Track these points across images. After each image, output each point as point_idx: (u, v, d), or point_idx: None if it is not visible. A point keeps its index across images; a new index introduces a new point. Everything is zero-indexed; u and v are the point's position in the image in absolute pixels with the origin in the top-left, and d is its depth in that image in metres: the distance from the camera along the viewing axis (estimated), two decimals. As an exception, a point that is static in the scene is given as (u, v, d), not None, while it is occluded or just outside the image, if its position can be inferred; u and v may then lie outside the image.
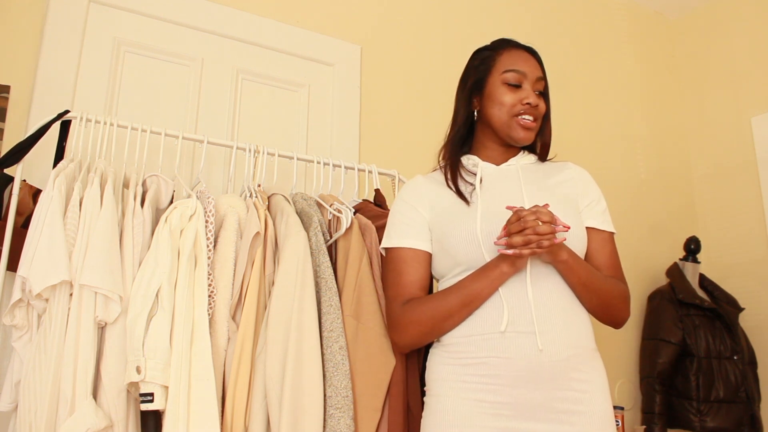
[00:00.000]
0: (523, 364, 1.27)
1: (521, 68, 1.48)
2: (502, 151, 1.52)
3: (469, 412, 1.29)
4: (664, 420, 2.41)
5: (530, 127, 1.46)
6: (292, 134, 2.19)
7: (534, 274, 1.33)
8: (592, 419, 1.28)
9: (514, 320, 1.30)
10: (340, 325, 1.47)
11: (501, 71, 1.48)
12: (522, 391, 1.27)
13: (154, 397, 1.28)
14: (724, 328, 2.51)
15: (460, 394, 1.32)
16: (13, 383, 1.34)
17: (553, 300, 1.32)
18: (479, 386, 1.30)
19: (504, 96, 1.46)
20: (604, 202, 1.52)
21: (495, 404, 1.28)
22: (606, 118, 2.96)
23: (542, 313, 1.30)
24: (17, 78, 1.77)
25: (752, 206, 2.83)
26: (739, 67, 2.99)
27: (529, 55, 1.51)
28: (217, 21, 2.12)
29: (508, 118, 1.46)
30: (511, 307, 1.31)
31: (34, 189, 1.54)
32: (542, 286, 1.33)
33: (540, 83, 1.49)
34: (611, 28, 3.11)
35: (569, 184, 1.49)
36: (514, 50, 1.51)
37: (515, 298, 1.31)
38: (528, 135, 1.47)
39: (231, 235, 1.49)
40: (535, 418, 1.26)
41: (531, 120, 1.46)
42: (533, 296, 1.31)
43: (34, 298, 1.31)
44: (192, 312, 1.37)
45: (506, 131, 1.47)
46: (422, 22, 2.54)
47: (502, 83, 1.48)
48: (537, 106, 1.46)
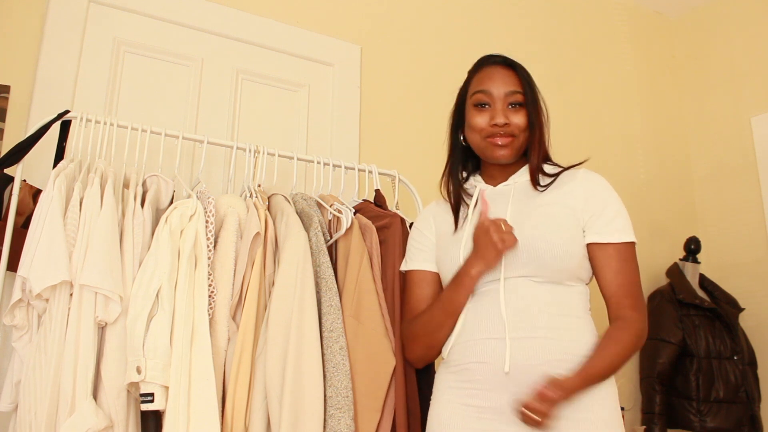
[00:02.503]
0: (497, 369, 1.30)
1: (486, 87, 1.44)
2: (500, 169, 1.49)
3: (457, 417, 1.34)
4: (664, 420, 2.41)
5: (504, 145, 1.42)
6: (292, 134, 2.19)
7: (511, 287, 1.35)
8: (578, 425, 1.26)
9: (491, 327, 1.33)
10: (341, 326, 1.47)
11: (471, 95, 1.48)
12: (500, 395, 1.29)
13: (154, 397, 1.28)
14: (724, 329, 2.51)
15: (451, 399, 1.37)
16: (13, 383, 1.34)
17: (534, 309, 1.32)
18: (464, 391, 1.35)
19: (474, 119, 1.45)
20: (614, 210, 1.39)
21: (479, 408, 1.32)
22: (606, 119, 2.95)
23: (517, 322, 1.31)
24: (17, 78, 1.77)
25: (752, 206, 2.83)
26: (739, 67, 2.99)
27: (501, 69, 1.46)
28: (217, 21, 2.12)
29: (482, 140, 1.44)
30: (484, 317, 1.35)
31: (34, 189, 1.54)
32: (520, 297, 1.34)
33: (513, 96, 1.43)
34: (611, 29, 3.10)
35: (567, 199, 1.41)
36: (486, 68, 1.49)
37: (490, 308, 1.35)
38: (504, 152, 1.42)
39: (231, 235, 1.49)
40: (516, 422, 1.26)
41: (505, 137, 1.42)
42: (505, 307, 1.33)
43: (34, 298, 1.31)
44: (192, 312, 1.37)
45: (485, 154, 1.46)
46: (422, 22, 2.54)
47: (472, 106, 1.46)
48: (506, 125, 1.41)
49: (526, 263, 1.34)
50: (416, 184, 1.96)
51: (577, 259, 1.37)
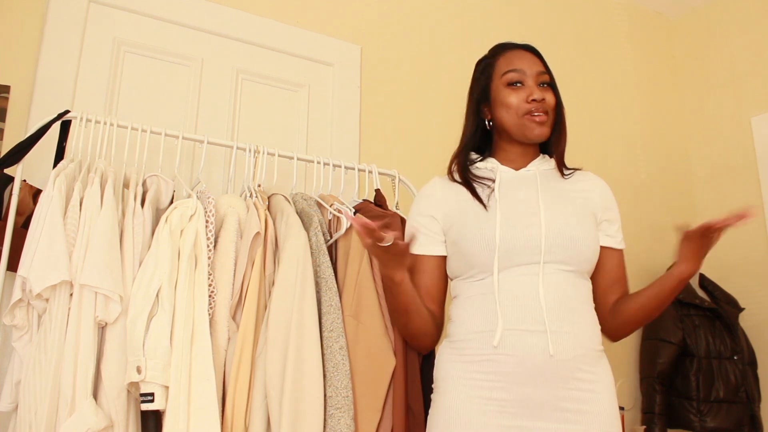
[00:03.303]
0: (531, 362, 1.28)
1: (519, 66, 1.47)
2: (520, 153, 1.51)
3: (474, 410, 1.30)
4: (664, 420, 2.41)
5: (542, 122, 1.45)
6: (292, 134, 2.19)
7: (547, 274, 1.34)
8: (598, 419, 1.29)
9: (525, 318, 1.31)
10: (341, 325, 1.47)
11: (501, 74, 1.49)
12: (528, 389, 1.28)
13: (154, 397, 1.28)
14: (724, 328, 2.51)
15: (465, 391, 1.32)
16: (13, 383, 1.34)
17: (565, 300, 1.34)
18: (484, 383, 1.31)
19: (508, 98, 1.46)
20: (618, 218, 1.52)
21: (500, 401, 1.29)
22: (606, 118, 2.95)
23: (553, 313, 1.31)
24: (17, 78, 1.77)
25: (752, 206, 2.83)
26: (739, 67, 2.99)
27: (526, 52, 1.51)
28: (217, 21, 2.12)
29: (518, 118, 1.46)
30: (521, 306, 1.32)
31: (34, 189, 1.54)
32: (554, 287, 1.34)
33: (543, 76, 1.48)
34: (611, 28, 3.10)
35: (587, 194, 1.49)
36: (510, 51, 1.52)
37: (527, 296, 1.33)
38: (542, 130, 1.46)
39: (231, 235, 1.49)
40: (539, 417, 1.27)
41: (542, 114, 1.45)
42: (545, 296, 1.32)
43: (35, 298, 1.31)
44: (192, 312, 1.37)
45: (520, 132, 1.46)
46: (422, 22, 2.54)
47: (504, 86, 1.48)
48: (543, 100, 1.45)
49: (564, 248, 1.36)
50: (416, 184, 1.96)
51: (597, 253, 1.44)
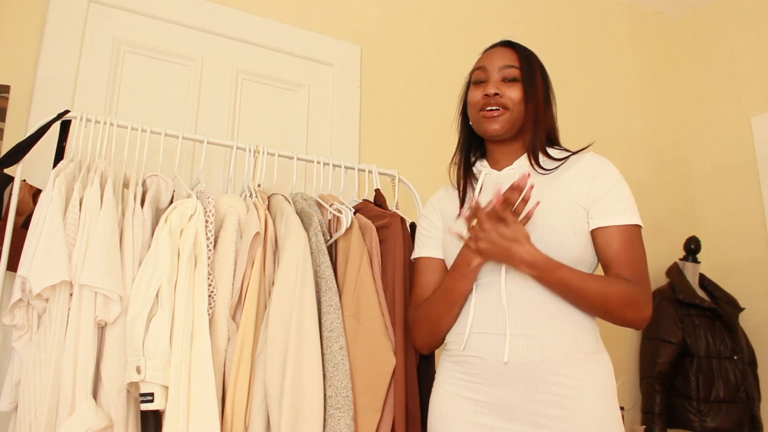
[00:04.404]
0: (494, 365, 1.29)
1: (483, 63, 1.47)
2: (501, 152, 1.48)
3: (454, 407, 1.34)
4: (664, 420, 2.41)
5: (492, 117, 1.41)
6: (292, 134, 2.19)
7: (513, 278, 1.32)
8: (575, 426, 1.23)
9: (488, 320, 1.32)
10: (340, 325, 1.47)
11: (470, 74, 1.50)
12: (499, 391, 1.29)
13: (154, 397, 1.28)
14: (724, 328, 2.51)
15: (449, 389, 1.37)
16: (13, 383, 1.34)
17: (534, 302, 1.30)
18: (463, 383, 1.35)
19: (470, 96, 1.47)
20: (618, 192, 1.37)
21: (475, 402, 1.32)
22: (606, 118, 2.95)
23: (517, 317, 1.29)
24: (17, 78, 1.77)
25: (752, 206, 2.83)
26: (739, 67, 2.99)
27: (498, 48, 1.48)
28: (217, 21, 2.12)
29: (476, 114, 1.45)
30: (485, 308, 1.33)
31: (34, 189, 1.54)
32: (523, 288, 1.31)
33: (507, 70, 1.42)
34: (611, 28, 3.11)
35: (575, 181, 1.39)
36: (486, 51, 1.51)
37: (492, 298, 1.33)
38: (493, 126, 1.41)
39: (231, 235, 1.49)
40: (512, 419, 1.27)
41: (494, 109, 1.41)
42: (507, 298, 1.31)
43: (34, 298, 1.31)
44: (192, 312, 1.37)
45: (479, 128, 1.46)
46: (422, 22, 2.54)
47: (472, 85, 1.48)
48: (497, 95, 1.40)
49: None
50: (416, 184, 1.96)
51: (581, 247, 1.33)
